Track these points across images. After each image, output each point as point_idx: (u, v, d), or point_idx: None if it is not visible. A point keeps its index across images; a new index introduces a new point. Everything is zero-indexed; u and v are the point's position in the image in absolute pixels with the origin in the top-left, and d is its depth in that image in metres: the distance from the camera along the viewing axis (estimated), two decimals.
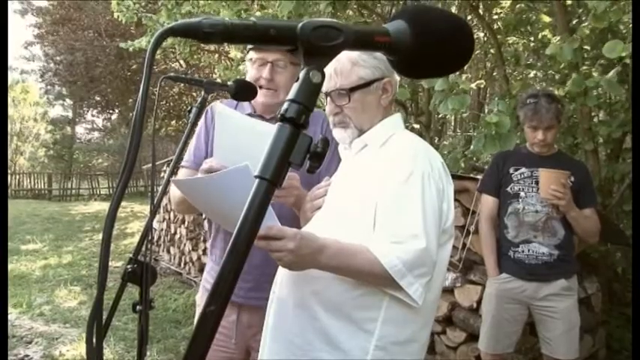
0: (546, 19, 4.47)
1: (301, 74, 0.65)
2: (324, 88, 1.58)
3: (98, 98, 21.77)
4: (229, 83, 1.63)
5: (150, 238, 1.42)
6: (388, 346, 1.43)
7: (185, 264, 6.95)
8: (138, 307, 1.40)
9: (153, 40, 0.57)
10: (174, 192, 1.92)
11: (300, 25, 0.64)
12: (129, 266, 1.40)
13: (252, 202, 0.57)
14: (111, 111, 24.22)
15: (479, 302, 3.25)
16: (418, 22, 0.71)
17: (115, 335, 4.40)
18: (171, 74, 1.63)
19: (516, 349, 2.99)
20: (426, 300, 1.43)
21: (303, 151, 0.61)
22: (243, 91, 1.66)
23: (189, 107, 1.57)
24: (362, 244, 1.39)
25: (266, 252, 1.53)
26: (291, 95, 0.65)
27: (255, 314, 1.89)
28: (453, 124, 9.06)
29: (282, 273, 1.55)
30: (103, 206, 15.88)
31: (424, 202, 1.41)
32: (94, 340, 0.65)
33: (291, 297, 1.49)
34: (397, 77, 1.67)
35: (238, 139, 1.59)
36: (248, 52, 1.92)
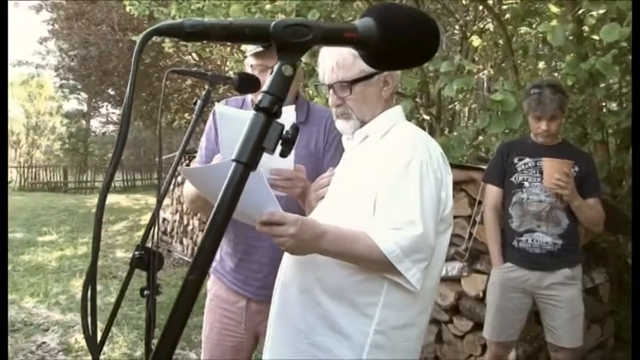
0: (554, 9, 4.45)
1: (275, 68, 0.71)
2: (327, 80, 1.64)
3: (112, 92, 21.96)
4: (233, 76, 1.68)
5: (156, 225, 1.47)
6: (388, 330, 1.48)
7: None
8: (145, 292, 1.46)
9: (139, 41, 0.63)
10: (187, 190, 1.99)
11: (272, 24, 0.70)
12: (137, 253, 1.46)
13: (229, 182, 0.64)
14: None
15: (485, 291, 3.29)
16: (383, 18, 0.77)
17: (128, 324, 4.50)
18: (176, 68, 1.68)
19: (521, 338, 3.03)
20: (425, 286, 1.48)
21: (275, 138, 0.68)
22: (247, 84, 1.72)
23: (194, 100, 1.63)
24: (362, 230, 1.44)
25: (275, 252, 1.59)
26: (265, 87, 0.71)
27: (264, 302, 1.95)
28: (467, 115, 9.04)
29: (286, 259, 1.60)
30: (118, 199, 16.06)
31: (422, 190, 1.45)
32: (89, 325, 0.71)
33: (295, 283, 1.55)
34: (398, 70, 1.71)
35: (240, 133, 1.65)
36: (247, 57, 1.97)
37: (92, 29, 18.37)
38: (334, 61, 1.60)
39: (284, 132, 0.69)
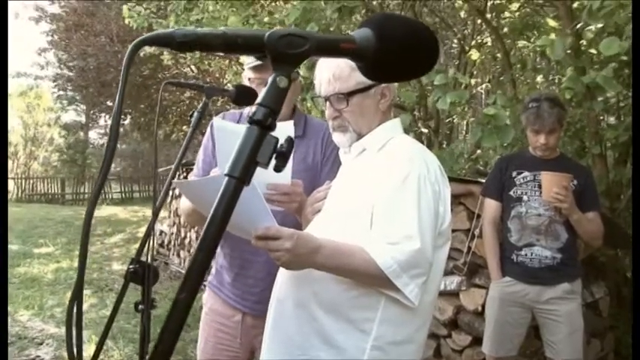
0: (552, 23, 4.47)
1: (269, 79, 0.69)
2: (323, 93, 1.62)
3: (110, 103, 21.96)
4: (230, 88, 1.67)
5: (152, 238, 1.45)
6: (385, 346, 1.45)
7: None
8: (140, 307, 1.43)
9: (128, 51, 0.62)
10: (184, 204, 1.98)
11: (267, 34, 0.69)
12: (131, 266, 1.44)
13: (221, 198, 0.61)
14: (123, 116, 24.37)
15: (484, 306, 3.26)
16: (381, 28, 0.75)
17: (123, 337, 4.46)
18: (173, 80, 1.67)
19: (520, 353, 3.00)
20: (423, 301, 1.46)
21: (269, 151, 0.65)
22: (244, 96, 1.70)
23: (191, 112, 1.61)
24: (359, 245, 1.42)
25: (271, 266, 1.57)
26: (259, 99, 0.68)
27: (260, 317, 1.94)
28: (465, 128, 9.04)
29: (282, 274, 1.58)
30: (115, 210, 16.00)
31: (420, 204, 1.43)
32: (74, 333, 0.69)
33: (290, 297, 1.53)
34: (395, 83, 1.71)
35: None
36: (245, 70, 1.96)
37: (91, 40, 18.41)
38: (331, 73, 1.59)
39: (278, 145, 0.67)
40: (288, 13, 3.72)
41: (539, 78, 5.27)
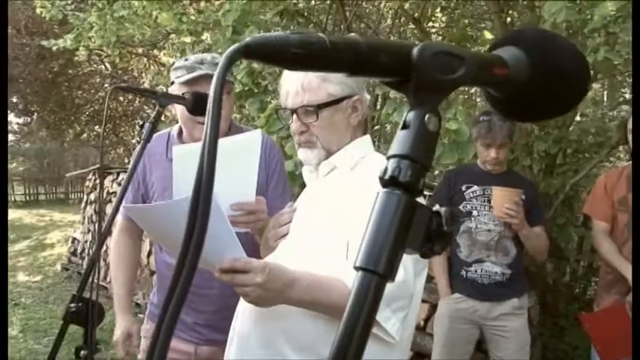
0: (489, 35, 4.56)
1: (411, 118, 0.47)
2: (290, 105, 1.47)
3: (15, 100, 20.48)
4: (186, 96, 1.48)
5: (96, 271, 1.24)
6: None
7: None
8: (82, 353, 1.22)
9: (223, 61, 0.41)
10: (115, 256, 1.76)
11: (416, 50, 0.46)
12: (72, 305, 1.22)
13: (355, 304, 0.42)
14: (30, 113, 22.88)
15: (426, 320, 3.22)
16: (543, 52, 0.54)
17: None
18: (122, 85, 1.46)
19: None
20: (402, 335, 1.34)
21: (421, 231, 0.43)
22: (202, 105, 1.51)
23: (141, 122, 1.41)
24: (334, 276, 1.28)
25: (226, 298, 1.40)
26: (400, 149, 0.45)
27: (216, 348, 1.76)
28: (377, 137, 9.09)
29: (243, 307, 1.41)
30: (19, 214, 14.89)
31: None
32: None
33: (254, 335, 1.36)
34: (367, 95, 1.58)
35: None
36: (173, 85, 1.74)
37: None
38: (299, 84, 1.44)
39: (434, 220, 0.44)
40: (225, 12, 3.50)
41: (474, 89, 5.36)
